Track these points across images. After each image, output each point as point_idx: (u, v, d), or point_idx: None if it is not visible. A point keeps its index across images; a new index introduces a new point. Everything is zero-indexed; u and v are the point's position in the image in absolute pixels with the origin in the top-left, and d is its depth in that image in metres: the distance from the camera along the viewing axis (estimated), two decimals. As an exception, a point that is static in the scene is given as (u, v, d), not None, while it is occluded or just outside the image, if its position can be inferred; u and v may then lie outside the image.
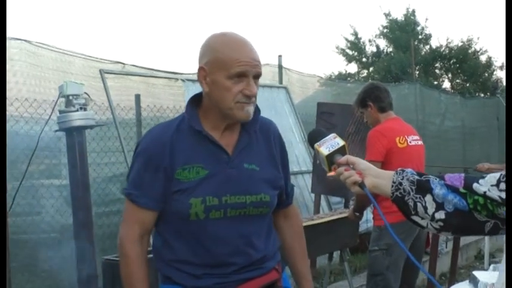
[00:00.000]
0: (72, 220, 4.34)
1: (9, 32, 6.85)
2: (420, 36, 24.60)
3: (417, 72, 22.72)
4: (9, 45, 5.11)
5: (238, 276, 2.07)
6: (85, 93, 4.34)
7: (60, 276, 4.55)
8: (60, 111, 4.29)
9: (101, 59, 6.29)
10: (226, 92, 1.99)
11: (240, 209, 2.06)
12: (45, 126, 4.37)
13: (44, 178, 5.14)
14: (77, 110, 4.22)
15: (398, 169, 1.77)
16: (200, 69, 2.03)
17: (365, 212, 4.54)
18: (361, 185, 1.77)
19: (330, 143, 1.87)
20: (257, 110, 2.11)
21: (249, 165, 2.10)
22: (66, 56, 5.93)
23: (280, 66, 8.47)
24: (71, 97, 4.24)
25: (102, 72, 5.63)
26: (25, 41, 5.38)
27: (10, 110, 4.85)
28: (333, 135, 1.90)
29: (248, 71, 1.99)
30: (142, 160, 2.06)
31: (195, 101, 2.13)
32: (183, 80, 6.40)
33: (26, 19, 36.02)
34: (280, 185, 2.20)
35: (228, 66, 1.97)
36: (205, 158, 2.05)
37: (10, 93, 4.97)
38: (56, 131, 4.40)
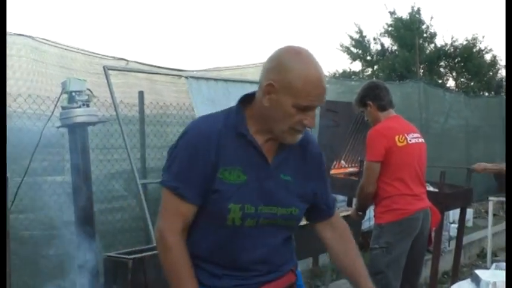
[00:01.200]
0: (74, 216, 4.35)
1: (13, 28, 6.86)
2: (425, 35, 24.46)
3: (422, 71, 22.68)
4: (12, 40, 5.10)
5: (258, 279, 2.08)
6: (88, 89, 4.34)
7: (62, 273, 4.55)
8: (63, 108, 4.31)
9: (105, 55, 6.28)
10: (288, 117, 1.96)
11: (270, 220, 2.05)
12: (47, 123, 4.37)
13: (46, 174, 5.12)
14: (80, 107, 4.24)
15: None
16: (268, 84, 1.95)
17: (368, 211, 4.54)
18: None
19: None
20: None
21: (284, 175, 2.08)
22: (69, 52, 5.91)
23: (284, 64, 8.44)
24: (73, 93, 4.25)
25: (105, 68, 5.62)
26: (28, 36, 5.36)
27: (13, 106, 4.84)
28: None
29: (315, 106, 1.97)
30: (189, 152, 1.99)
31: (245, 101, 2.07)
32: (186, 77, 6.38)
33: (29, 15, 36.07)
34: (309, 199, 2.17)
35: (298, 95, 1.92)
36: (245, 162, 2.01)
37: (13, 89, 4.96)
38: (59, 127, 4.41)
